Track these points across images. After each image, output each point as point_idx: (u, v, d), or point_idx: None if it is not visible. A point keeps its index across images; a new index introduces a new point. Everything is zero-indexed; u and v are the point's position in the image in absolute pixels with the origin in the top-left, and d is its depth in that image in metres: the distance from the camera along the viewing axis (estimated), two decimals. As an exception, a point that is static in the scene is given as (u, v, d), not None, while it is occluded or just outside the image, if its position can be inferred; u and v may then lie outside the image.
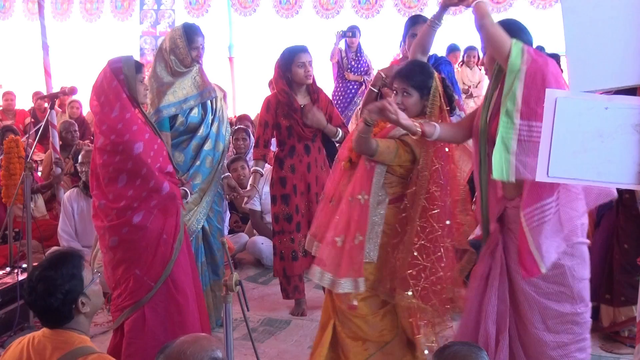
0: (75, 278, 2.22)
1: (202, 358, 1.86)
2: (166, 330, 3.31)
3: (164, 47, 4.00)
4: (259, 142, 4.41)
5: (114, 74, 3.25)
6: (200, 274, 4.03)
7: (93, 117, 3.41)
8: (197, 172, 4.00)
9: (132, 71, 3.28)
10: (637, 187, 2.33)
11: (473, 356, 2.10)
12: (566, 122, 2.27)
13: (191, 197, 3.93)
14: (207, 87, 4.05)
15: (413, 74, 3.03)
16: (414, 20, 4.09)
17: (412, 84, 3.00)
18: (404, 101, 2.99)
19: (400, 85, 3.01)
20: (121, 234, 3.27)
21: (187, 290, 3.43)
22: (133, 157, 3.22)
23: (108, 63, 3.32)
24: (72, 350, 2.17)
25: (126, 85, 3.26)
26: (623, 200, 3.90)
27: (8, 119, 9.24)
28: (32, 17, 11.03)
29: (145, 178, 3.25)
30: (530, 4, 8.60)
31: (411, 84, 3.00)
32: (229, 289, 2.42)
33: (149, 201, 3.28)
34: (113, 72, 3.26)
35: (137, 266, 3.29)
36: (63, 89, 5.52)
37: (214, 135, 4.07)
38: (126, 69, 3.27)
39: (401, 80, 3.02)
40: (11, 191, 5.30)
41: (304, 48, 4.26)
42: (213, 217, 4.15)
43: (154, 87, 3.94)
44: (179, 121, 3.97)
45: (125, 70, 3.26)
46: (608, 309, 3.99)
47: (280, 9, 9.89)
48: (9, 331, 4.15)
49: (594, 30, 2.24)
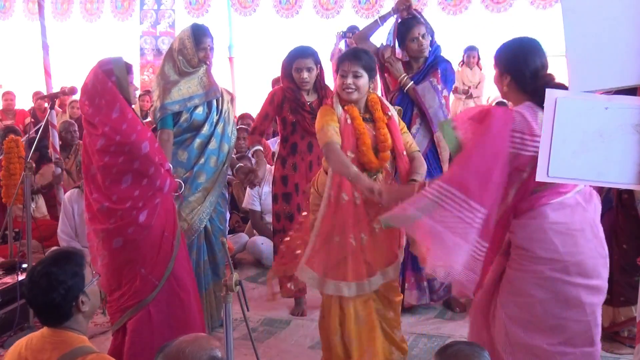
0: (77, 275, 2.23)
1: (200, 357, 1.86)
2: (171, 327, 3.32)
3: (174, 47, 4.03)
4: (255, 131, 4.39)
5: (106, 75, 3.25)
6: (202, 274, 4.06)
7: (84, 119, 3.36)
8: (201, 170, 4.00)
9: (123, 72, 3.29)
10: (637, 187, 2.33)
11: (475, 355, 2.09)
12: (566, 122, 2.27)
13: (194, 196, 3.95)
14: (213, 87, 4.07)
15: (362, 55, 3.22)
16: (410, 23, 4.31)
17: (362, 65, 3.18)
18: (355, 82, 3.18)
19: (351, 68, 3.16)
20: (126, 235, 3.26)
21: (188, 286, 3.46)
22: (140, 156, 3.22)
23: (98, 64, 3.31)
24: (70, 350, 2.18)
25: (118, 87, 3.26)
26: (622, 200, 3.91)
27: (8, 119, 9.23)
28: (32, 17, 11.02)
29: (152, 177, 3.26)
30: (530, 4, 8.59)
31: (361, 64, 3.18)
32: (229, 289, 2.42)
33: (153, 200, 3.28)
34: (105, 73, 3.26)
35: (142, 265, 3.29)
36: (63, 89, 5.53)
37: (219, 135, 4.07)
38: (117, 71, 3.27)
39: (352, 62, 3.17)
40: (11, 191, 5.30)
41: (305, 52, 4.21)
42: (215, 217, 4.14)
43: (160, 84, 3.97)
44: (183, 117, 3.98)
45: (116, 72, 3.26)
46: (607, 309, 3.98)
47: (280, 9, 9.89)
48: (9, 331, 4.15)
49: (594, 30, 2.24)
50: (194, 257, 4.02)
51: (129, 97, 3.33)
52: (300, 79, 4.17)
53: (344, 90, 3.21)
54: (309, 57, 4.19)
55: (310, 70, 4.18)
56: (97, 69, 3.30)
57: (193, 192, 3.97)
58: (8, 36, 11.76)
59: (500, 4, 8.72)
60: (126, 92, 3.30)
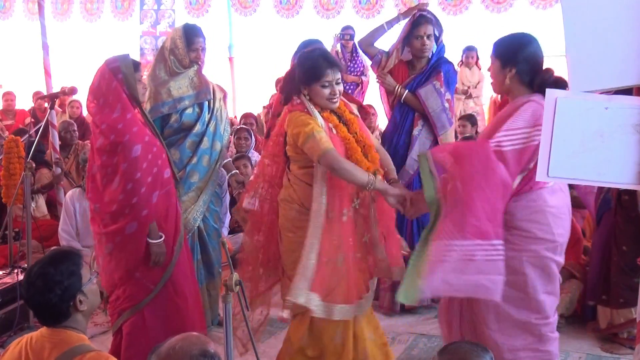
0: (74, 275, 2.22)
1: (192, 351, 1.86)
2: (166, 332, 3.27)
3: (165, 46, 4.00)
4: (270, 133, 4.40)
5: (112, 73, 3.21)
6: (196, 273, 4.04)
7: (90, 118, 3.36)
8: (194, 170, 3.97)
9: (130, 69, 3.24)
10: (637, 187, 2.33)
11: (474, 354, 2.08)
12: (566, 122, 2.27)
13: (187, 195, 3.93)
14: (204, 88, 4.04)
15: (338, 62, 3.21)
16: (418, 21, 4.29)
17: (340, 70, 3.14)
18: (339, 90, 3.10)
19: (335, 76, 3.07)
20: (115, 242, 3.25)
21: (186, 293, 3.42)
22: (129, 159, 3.17)
23: (105, 62, 3.27)
24: (70, 349, 2.18)
25: (125, 84, 3.22)
26: (621, 201, 3.90)
27: (8, 119, 9.23)
28: (32, 17, 11.02)
29: (137, 183, 3.19)
30: (530, 4, 8.59)
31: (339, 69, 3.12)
32: (229, 289, 2.41)
33: (140, 210, 3.21)
34: (112, 71, 3.22)
35: (136, 270, 3.27)
36: (63, 89, 5.53)
37: (211, 134, 4.04)
38: (124, 68, 3.23)
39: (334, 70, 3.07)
40: (11, 191, 5.29)
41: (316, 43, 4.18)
42: (209, 216, 4.12)
43: (151, 85, 3.95)
44: (173, 118, 3.96)
45: (123, 69, 3.22)
46: (605, 310, 3.99)
47: (281, 9, 9.88)
48: (9, 331, 4.15)
49: (594, 30, 2.24)
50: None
51: (136, 94, 3.29)
52: None
53: (331, 100, 3.05)
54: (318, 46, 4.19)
55: None
56: (104, 67, 3.26)
57: (186, 192, 3.94)
58: (8, 36, 11.76)
59: (500, 4, 8.72)
60: (134, 90, 3.26)
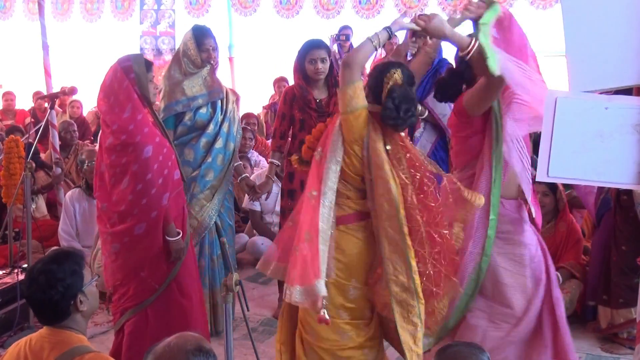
0: (76, 274, 2.23)
1: (186, 346, 1.87)
2: (168, 333, 3.25)
3: (180, 50, 4.14)
4: (275, 133, 4.43)
5: (124, 72, 3.19)
6: (216, 269, 4.17)
7: (100, 116, 3.36)
8: (209, 168, 4.09)
9: (142, 69, 3.23)
10: (637, 187, 2.34)
11: (473, 357, 2.09)
12: (566, 122, 2.27)
13: (203, 193, 4.06)
14: (216, 88, 4.15)
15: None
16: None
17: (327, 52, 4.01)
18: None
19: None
20: (123, 242, 3.25)
21: (192, 294, 3.42)
22: (140, 160, 3.17)
23: (118, 61, 3.25)
24: (69, 349, 2.18)
25: (137, 84, 3.20)
26: (620, 201, 3.91)
27: (8, 119, 9.23)
28: (32, 17, 11.01)
29: (147, 184, 3.19)
30: (530, 4, 8.58)
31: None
32: (229, 289, 2.42)
33: (149, 212, 3.21)
34: (124, 70, 3.19)
35: (142, 269, 3.27)
36: (63, 89, 5.54)
37: (225, 135, 4.16)
38: (136, 67, 3.21)
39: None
40: (11, 191, 5.29)
41: (319, 44, 4.24)
42: (224, 213, 4.24)
43: (166, 84, 4.08)
44: (187, 117, 4.07)
45: (135, 69, 3.21)
46: (605, 310, 4.00)
47: (281, 9, 9.87)
48: (9, 331, 4.15)
49: (594, 30, 2.24)
50: (207, 253, 4.14)
51: (148, 94, 3.27)
52: (315, 69, 4.17)
53: None
54: (322, 48, 4.23)
55: (324, 61, 4.20)
56: (116, 65, 3.24)
57: (202, 190, 4.07)
58: (8, 36, 11.76)
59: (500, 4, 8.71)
60: (145, 90, 3.25)
